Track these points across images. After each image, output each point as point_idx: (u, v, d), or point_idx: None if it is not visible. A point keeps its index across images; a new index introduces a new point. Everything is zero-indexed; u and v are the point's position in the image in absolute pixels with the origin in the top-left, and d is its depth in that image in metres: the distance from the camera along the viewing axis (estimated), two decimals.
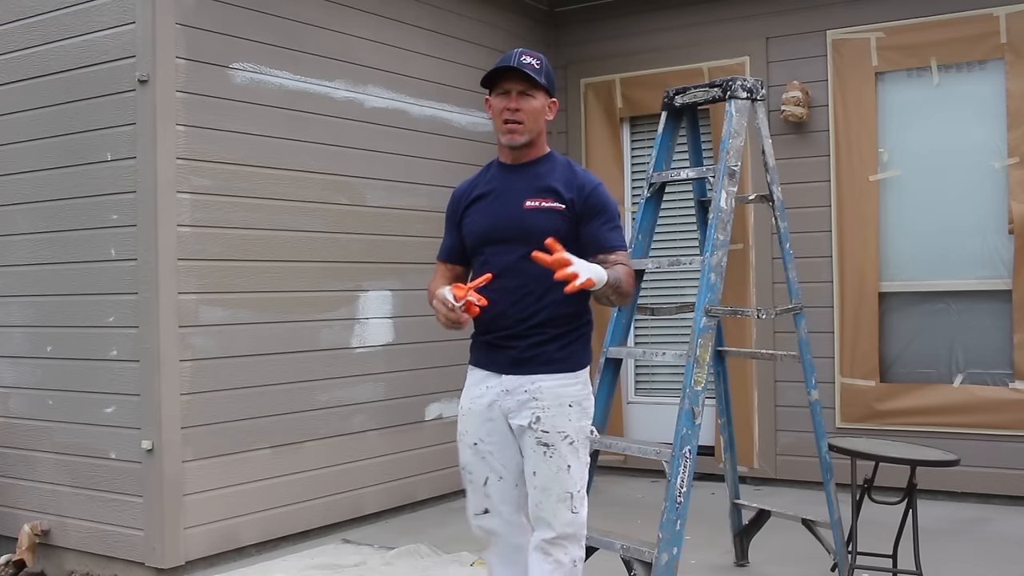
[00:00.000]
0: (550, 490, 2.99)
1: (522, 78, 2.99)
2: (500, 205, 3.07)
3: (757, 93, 4.05)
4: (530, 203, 3.02)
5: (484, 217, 3.09)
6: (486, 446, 3.09)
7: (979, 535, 5.14)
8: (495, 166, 3.17)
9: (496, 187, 3.10)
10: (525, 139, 3.03)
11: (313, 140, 5.29)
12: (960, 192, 5.86)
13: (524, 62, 2.98)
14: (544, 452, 2.99)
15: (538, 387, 3.00)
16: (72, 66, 4.85)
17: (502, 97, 3.02)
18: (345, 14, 5.48)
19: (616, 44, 6.85)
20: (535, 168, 3.08)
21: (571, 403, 3.02)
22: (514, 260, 2.99)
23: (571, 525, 3.02)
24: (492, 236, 3.06)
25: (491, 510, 3.13)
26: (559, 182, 3.04)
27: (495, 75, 3.02)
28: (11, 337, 5.15)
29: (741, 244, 6.33)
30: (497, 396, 3.06)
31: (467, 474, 3.16)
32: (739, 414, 6.13)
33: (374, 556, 4.89)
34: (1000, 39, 5.69)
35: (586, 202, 3.02)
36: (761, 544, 4.69)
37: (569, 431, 3.01)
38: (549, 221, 2.99)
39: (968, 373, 5.86)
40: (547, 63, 3.07)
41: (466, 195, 3.17)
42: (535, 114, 3.02)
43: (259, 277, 5.01)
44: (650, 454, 3.83)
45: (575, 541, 3.04)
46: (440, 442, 5.93)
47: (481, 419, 3.09)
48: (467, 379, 3.19)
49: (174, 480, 4.61)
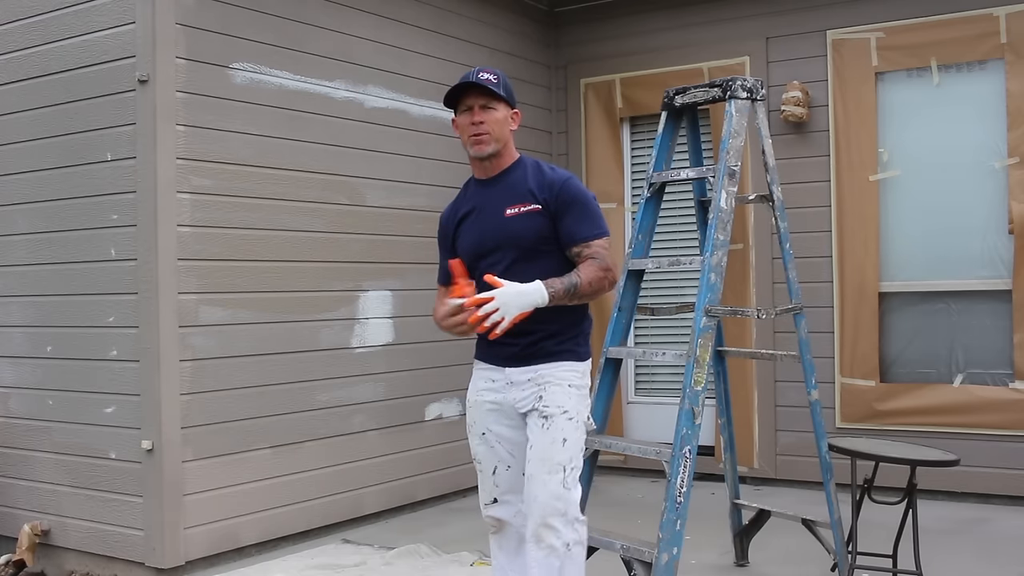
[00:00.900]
0: (544, 460, 3.08)
1: (482, 92, 3.17)
2: (484, 219, 3.22)
3: (757, 93, 4.05)
4: (510, 211, 3.17)
5: (472, 233, 3.24)
6: (493, 435, 3.24)
7: (979, 535, 5.14)
8: (472, 184, 3.33)
9: (477, 204, 3.26)
10: (492, 148, 3.19)
11: (313, 140, 5.29)
12: (960, 192, 5.86)
13: (481, 78, 3.17)
14: (543, 424, 3.11)
15: (540, 374, 3.15)
16: (72, 66, 4.85)
17: (466, 114, 3.20)
18: (345, 14, 5.48)
19: (616, 44, 6.85)
20: (508, 177, 3.23)
21: (571, 384, 3.17)
22: (506, 266, 3.14)
23: (561, 500, 3.05)
24: (481, 249, 3.21)
25: (500, 499, 3.27)
26: (532, 184, 3.18)
27: (457, 93, 3.18)
28: (11, 337, 5.15)
29: (741, 244, 6.33)
30: (503, 388, 3.20)
31: (477, 464, 3.30)
32: (739, 414, 6.13)
33: (374, 556, 4.89)
34: (1000, 39, 5.69)
35: (558, 199, 3.15)
36: (761, 544, 4.69)
37: (568, 407, 3.14)
38: (530, 223, 3.15)
39: (968, 373, 5.86)
40: (504, 77, 3.23)
41: (452, 217, 3.33)
42: (499, 124, 3.19)
43: (259, 277, 5.02)
44: (650, 454, 3.83)
45: (566, 522, 3.06)
46: (440, 442, 5.93)
47: (487, 409, 3.25)
48: (473, 372, 3.35)
49: (174, 480, 4.61)
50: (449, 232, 3.32)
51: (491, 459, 3.25)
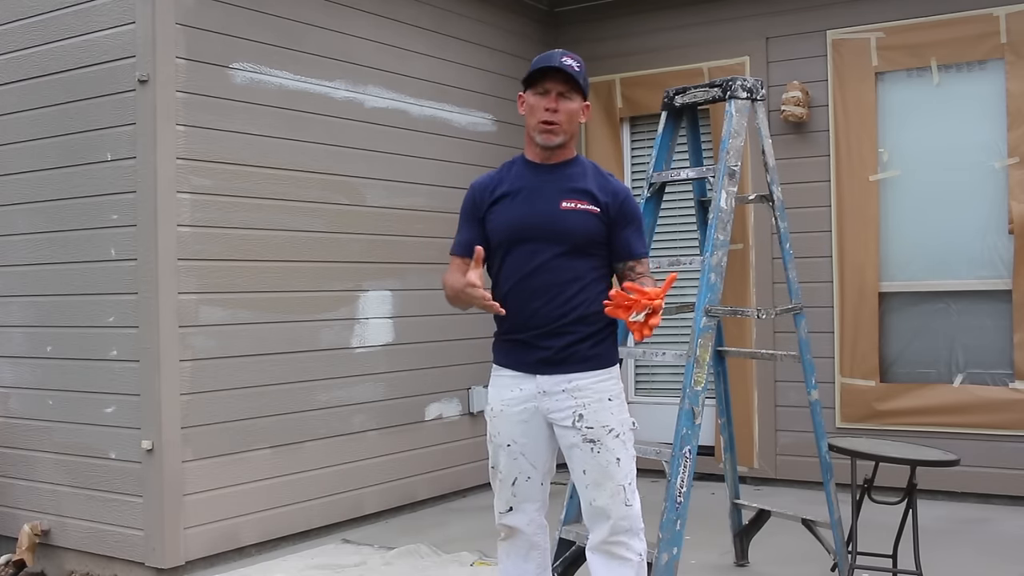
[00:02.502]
0: (603, 485, 3.01)
1: (564, 79, 3.00)
2: (532, 204, 3.06)
3: (757, 93, 4.05)
4: (566, 204, 3.03)
5: (515, 215, 3.07)
6: (519, 447, 3.10)
7: (979, 535, 5.14)
8: (520, 163, 3.16)
9: (526, 185, 3.09)
10: (561, 140, 3.05)
11: (313, 140, 5.29)
12: (960, 192, 5.85)
13: (566, 63, 2.99)
14: (591, 448, 3.01)
15: (575, 385, 3.03)
16: (72, 66, 4.85)
17: (541, 96, 3.02)
18: (345, 14, 5.48)
19: (616, 44, 6.85)
20: (566, 169, 3.10)
21: (610, 397, 3.06)
22: (547, 259, 3.02)
23: (626, 519, 3.04)
24: (524, 235, 3.05)
25: (516, 508, 3.16)
26: (593, 185, 3.07)
27: (537, 74, 3.02)
28: (11, 337, 5.15)
29: (741, 244, 6.33)
30: (533, 397, 3.07)
31: (497, 473, 3.17)
32: (739, 414, 6.13)
33: (374, 556, 4.89)
34: (1000, 39, 5.69)
35: (620, 209, 3.07)
36: (761, 544, 4.69)
37: (613, 424, 3.04)
38: (585, 223, 3.03)
39: (968, 373, 5.86)
40: (584, 67, 3.08)
41: (489, 190, 3.13)
42: (572, 116, 3.05)
43: (259, 277, 5.01)
44: (650, 454, 3.83)
45: (634, 535, 3.06)
46: (440, 442, 5.94)
47: (515, 421, 3.10)
48: (493, 379, 3.18)
49: (174, 480, 4.61)
50: (482, 205, 3.12)
51: (512, 471, 3.12)
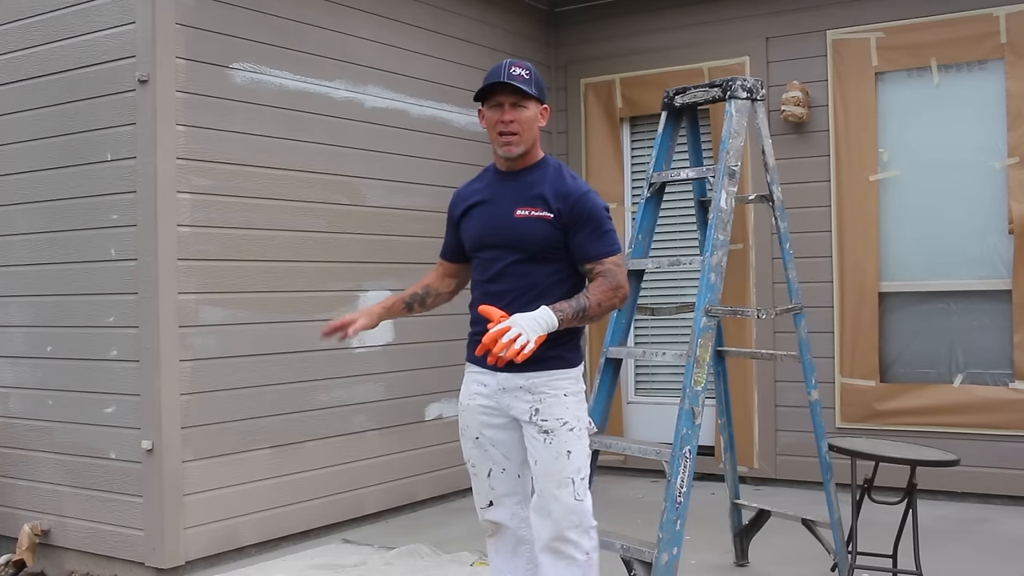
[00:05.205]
0: (551, 475, 3.06)
1: (513, 90, 3.06)
2: (492, 213, 3.17)
3: (757, 93, 4.05)
4: (520, 212, 3.11)
5: (478, 224, 3.20)
6: (487, 439, 3.20)
7: (979, 535, 5.14)
8: (491, 172, 3.27)
9: (489, 195, 3.20)
10: (521, 149, 3.12)
11: (313, 140, 5.29)
12: (960, 192, 5.85)
13: (514, 74, 3.06)
14: (544, 439, 3.07)
15: (532, 383, 3.09)
16: (72, 66, 4.85)
17: (495, 109, 3.10)
18: (345, 14, 5.48)
19: (616, 44, 6.85)
20: (527, 176, 3.16)
21: (566, 393, 3.12)
22: (506, 265, 3.11)
23: (576, 513, 3.06)
24: (485, 242, 3.18)
25: (496, 502, 3.24)
26: (548, 190, 3.10)
27: (487, 89, 3.08)
28: (11, 337, 5.15)
29: (741, 244, 6.33)
30: (496, 393, 3.15)
31: (471, 467, 3.27)
32: (739, 414, 6.13)
33: (374, 556, 4.89)
34: (1000, 39, 5.69)
35: (572, 212, 3.08)
36: (761, 544, 4.69)
37: (567, 417, 3.09)
38: (537, 230, 3.08)
39: (968, 373, 5.86)
40: (536, 72, 3.13)
41: (464, 199, 3.29)
42: (528, 123, 3.10)
43: (259, 277, 5.01)
44: (650, 454, 3.83)
45: (583, 532, 3.08)
46: (440, 442, 5.94)
47: (479, 412, 3.20)
48: (464, 375, 3.29)
49: (174, 480, 4.61)
50: (457, 213, 3.29)
51: (485, 462, 3.22)
